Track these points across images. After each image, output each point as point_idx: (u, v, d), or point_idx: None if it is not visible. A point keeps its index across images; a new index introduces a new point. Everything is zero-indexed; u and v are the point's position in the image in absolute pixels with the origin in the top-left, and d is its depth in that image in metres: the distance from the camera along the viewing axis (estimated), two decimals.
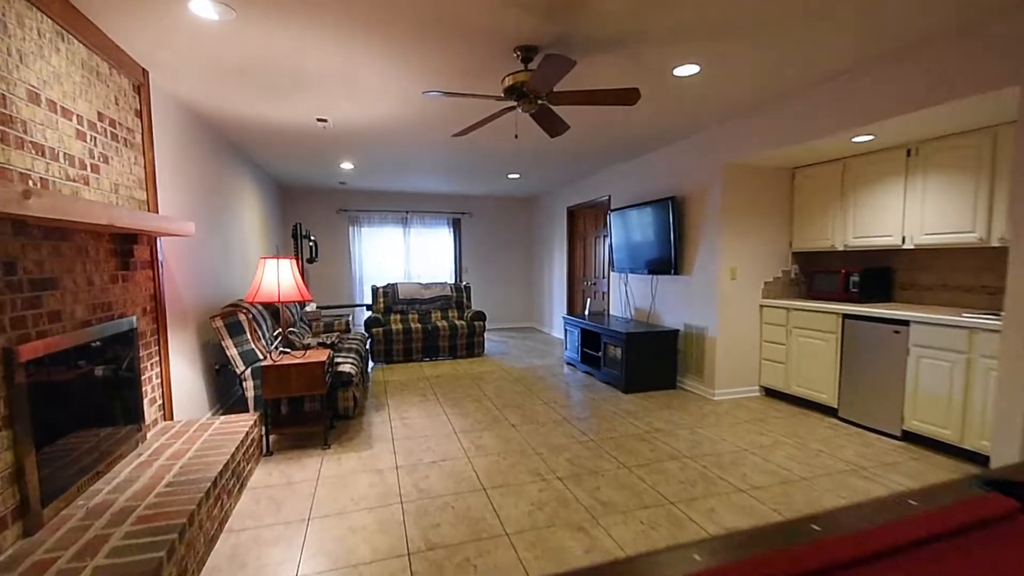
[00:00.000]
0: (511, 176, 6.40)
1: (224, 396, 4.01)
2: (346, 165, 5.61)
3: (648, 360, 4.49)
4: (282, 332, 3.41)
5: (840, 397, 3.62)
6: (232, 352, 3.30)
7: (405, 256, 8.00)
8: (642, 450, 3.13)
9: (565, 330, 5.84)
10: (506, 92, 2.59)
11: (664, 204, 4.62)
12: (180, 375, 3.16)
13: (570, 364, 5.70)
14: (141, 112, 2.74)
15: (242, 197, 4.90)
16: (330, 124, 3.95)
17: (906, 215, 3.41)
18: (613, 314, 5.94)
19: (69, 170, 2.08)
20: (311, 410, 3.55)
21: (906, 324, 3.16)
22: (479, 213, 8.39)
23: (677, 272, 4.63)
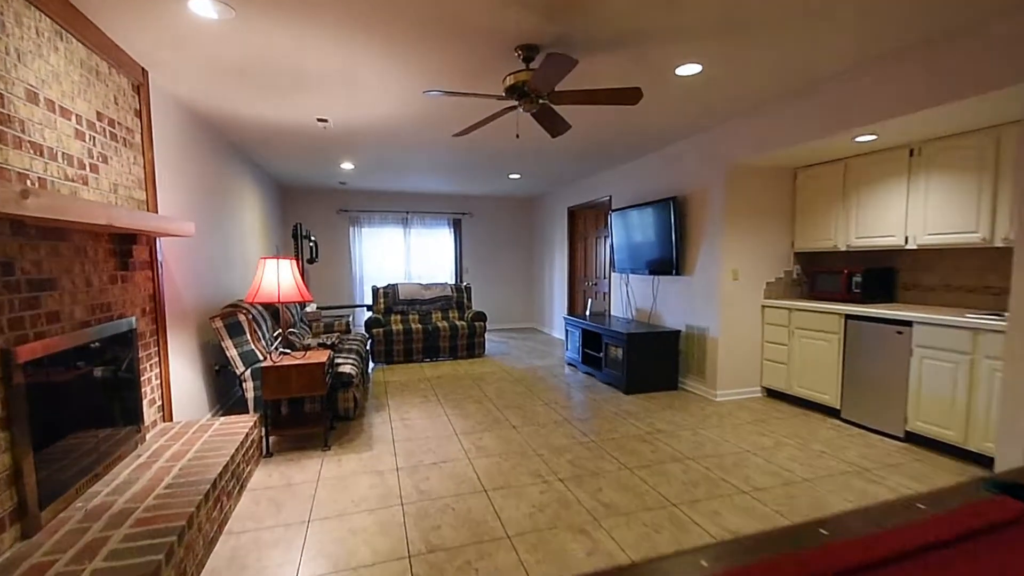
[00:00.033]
0: (512, 176, 6.39)
1: (224, 397, 4.00)
2: (346, 165, 5.60)
3: (649, 361, 4.48)
4: (282, 333, 3.40)
5: (842, 398, 3.61)
6: (232, 353, 3.29)
7: (405, 256, 7.99)
8: (644, 451, 3.11)
9: (566, 331, 5.83)
10: (507, 91, 2.58)
11: (665, 204, 4.61)
12: (180, 376, 3.14)
13: (571, 365, 5.68)
14: (140, 112, 2.73)
15: (242, 197, 4.89)
16: (330, 124, 3.93)
17: (909, 215, 3.40)
18: (614, 314, 5.92)
19: (68, 170, 2.07)
20: (311, 411, 3.53)
21: (909, 325, 3.15)
22: (480, 213, 8.38)
23: (679, 272, 4.62)
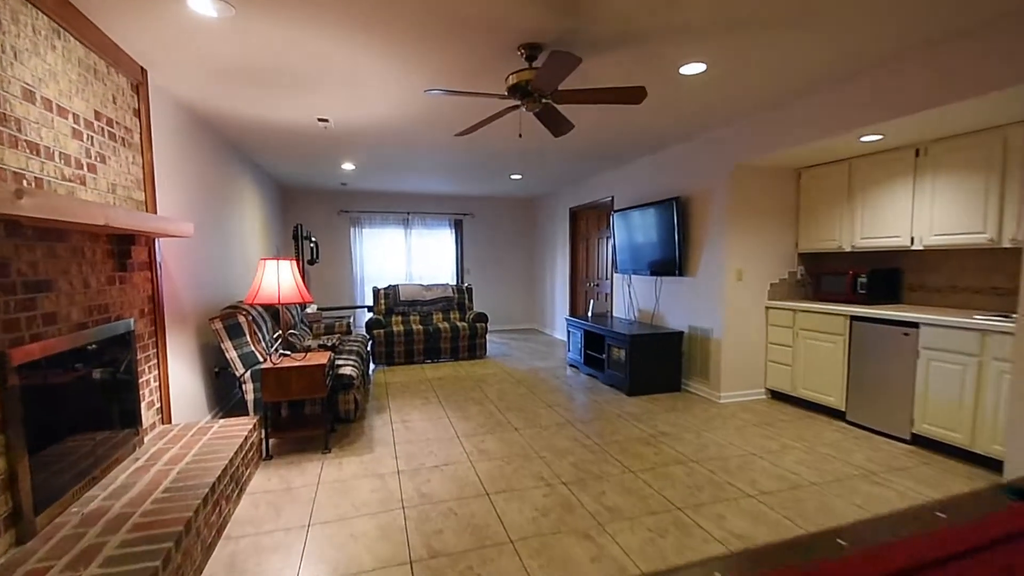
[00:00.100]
0: (513, 177, 6.36)
1: (224, 399, 3.97)
2: (347, 166, 5.57)
3: (652, 362, 4.45)
4: (282, 334, 3.37)
5: (848, 400, 3.57)
6: (231, 354, 3.26)
7: (406, 257, 7.96)
8: (647, 454, 3.08)
9: (568, 332, 5.79)
10: (510, 91, 2.55)
11: (668, 205, 4.58)
12: (179, 378, 3.12)
13: (573, 366, 5.65)
14: (139, 111, 2.71)
15: (242, 198, 4.87)
16: (331, 124, 3.91)
17: (915, 216, 3.36)
18: (616, 316, 5.89)
19: (65, 170, 2.04)
20: (311, 413, 3.50)
21: (916, 326, 3.11)
22: (481, 214, 8.35)
23: (682, 273, 4.58)
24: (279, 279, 3.11)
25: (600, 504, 2.45)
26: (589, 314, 5.89)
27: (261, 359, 3.35)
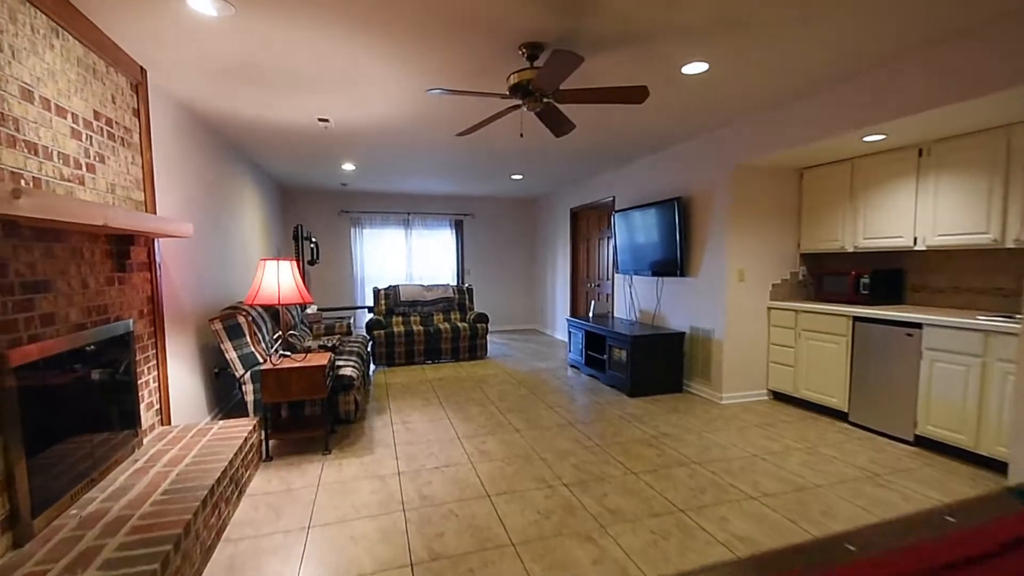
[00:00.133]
0: (514, 177, 6.34)
1: (223, 400, 3.96)
2: (348, 166, 5.56)
3: (654, 363, 4.43)
4: (282, 335, 3.35)
5: (851, 401, 3.55)
6: (231, 355, 3.25)
7: (407, 258, 7.95)
8: (649, 455, 3.06)
9: (569, 332, 5.78)
10: (511, 90, 2.53)
11: (670, 205, 4.56)
12: (178, 379, 3.10)
13: (574, 367, 5.63)
14: (139, 111, 2.69)
15: (242, 198, 4.85)
16: (331, 124, 3.89)
17: (918, 216, 3.35)
18: (617, 316, 5.87)
19: (64, 169, 2.03)
20: (311, 414, 3.49)
21: (919, 327, 3.10)
22: (481, 214, 8.33)
23: (683, 274, 4.57)
24: (279, 280, 3.09)
25: (602, 506, 2.44)
26: (590, 315, 5.88)
27: (261, 360, 3.33)
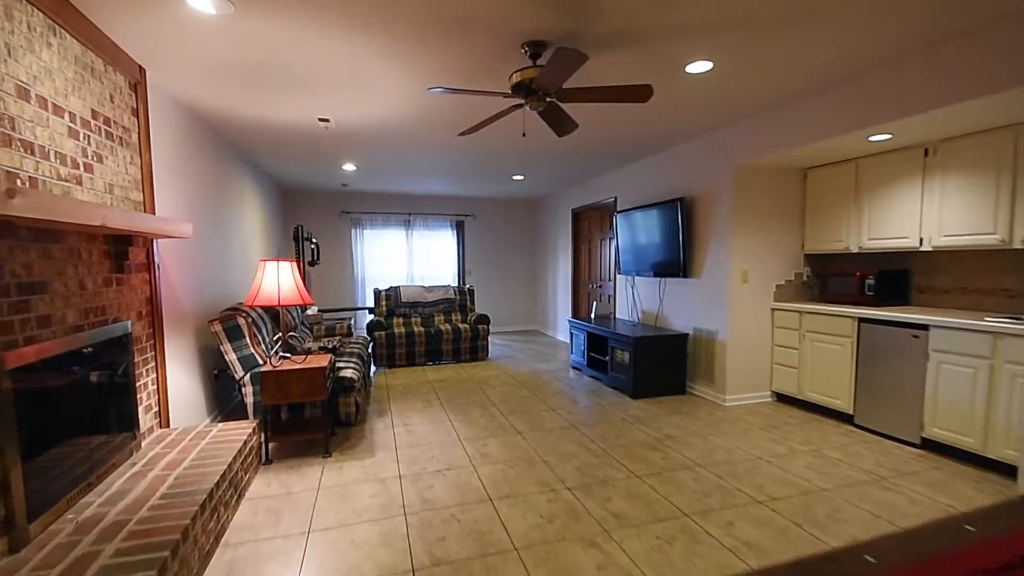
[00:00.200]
0: (515, 177, 6.32)
1: (223, 402, 3.93)
2: (348, 166, 5.53)
3: (657, 365, 4.39)
4: (282, 336, 3.33)
5: (856, 403, 3.52)
6: (231, 357, 3.22)
7: (408, 259, 7.92)
8: (653, 458, 3.03)
9: (571, 333, 5.75)
10: (514, 89, 2.51)
11: (672, 205, 4.53)
12: (177, 381, 3.07)
13: (576, 368, 5.60)
14: (138, 111, 2.67)
15: (242, 198, 4.83)
16: (332, 124, 3.87)
17: (924, 216, 3.31)
18: (620, 317, 5.84)
19: (61, 169, 2.00)
20: (312, 416, 3.46)
21: (925, 328, 3.06)
22: (482, 215, 8.31)
23: (686, 275, 4.54)
24: (279, 280, 3.07)
25: (606, 510, 2.41)
26: (592, 316, 5.85)
27: (261, 362, 3.30)
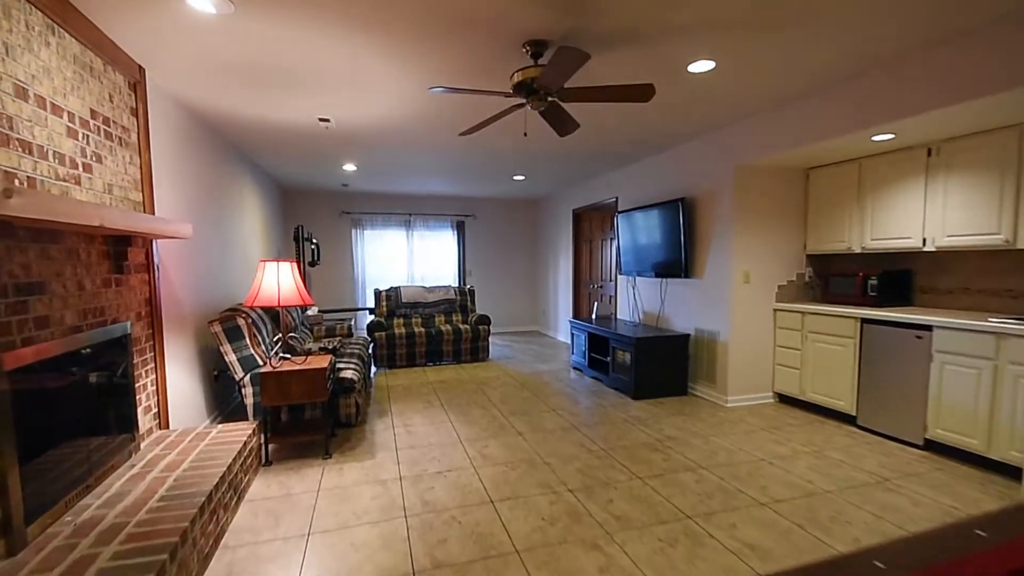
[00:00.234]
0: (516, 178, 6.30)
1: (223, 403, 3.92)
2: (348, 167, 5.52)
3: (658, 365, 4.38)
4: (282, 337, 3.31)
5: (858, 404, 3.50)
6: (231, 358, 3.21)
7: (408, 259, 7.91)
8: (655, 460, 3.01)
9: (571, 334, 5.73)
10: (515, 88, 2.49)
11: (674, 206, 4.51)
12: (177, 382, 3.06)
13: (577, 369, 5.58)
14: (137, 110, 2.66)
15: (242, 199, 4.82)
16: (332, 124, 3.86)
17: (927, 216, 3.30)
18: (621, 318, 5.82)
19: (59, 169, 1.99)
20: (312, 418, 3.44)
21: (929, 329, 3.05)
22: (483, 215, 8.29)
23: (687, 275, 4.52)
24: (279, 281, 3.05)
25: (608, 512, 2.39)
26: (593, 316, 5.84)
27: (261, 362, 3.29)
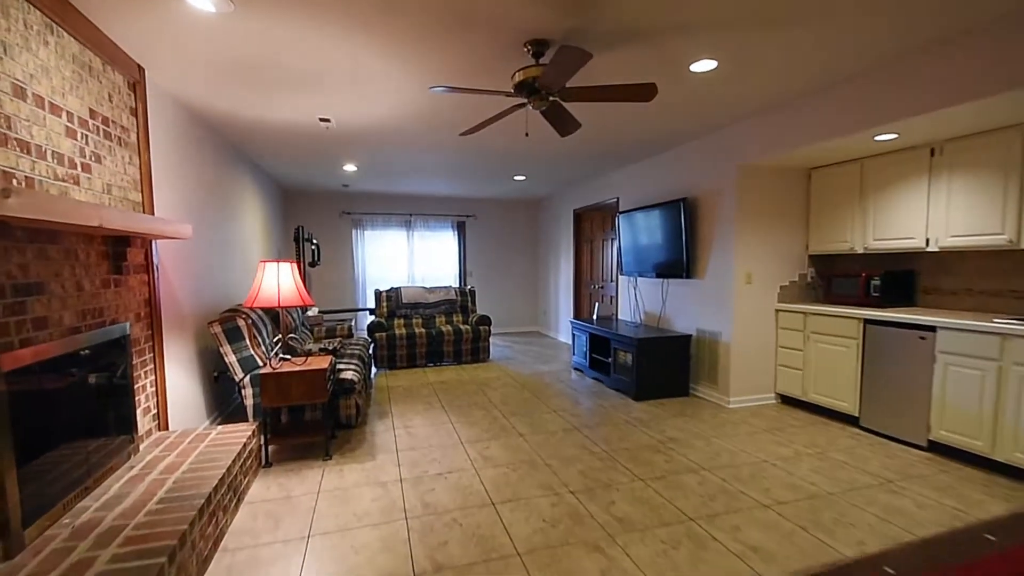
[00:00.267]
0: (517, 178, 6.29)
1: (223, 404, 3.90)
2: (349, 167, 5.51)
3: (660, 366, 4.36)
4: (282, 338, 3.30)
5: (861, 405, 3.48)
6: (231, 359, 3.19)
7: (409, 260, 7.89)
8: (657, 461, 3.00)
9: (573, 335, 5.71)
10: (516, 88, 2.48)
11: (676, 206, 4.50)
12: (176, 383, 3.05)
13: (578, 370, 5.57)
14: (136, 110, 2.65)
15: (242, 199, 4.81)
16: (333, 124, 3.85)
17: (930, 216, 3.28)
18: (622, 318, 5.81)
19: (58, 169, 1.98)
20: (312, 419, 3.43)
21: (932, 330, 3.03)
22: (484, 216, 8.28)
23: (689, 276, 4.50)
24: (279, 282, 3.04)
25: (610, 514, 2.37)
26: (594, 317, 5.82)
27: (261, 363, 3.28)
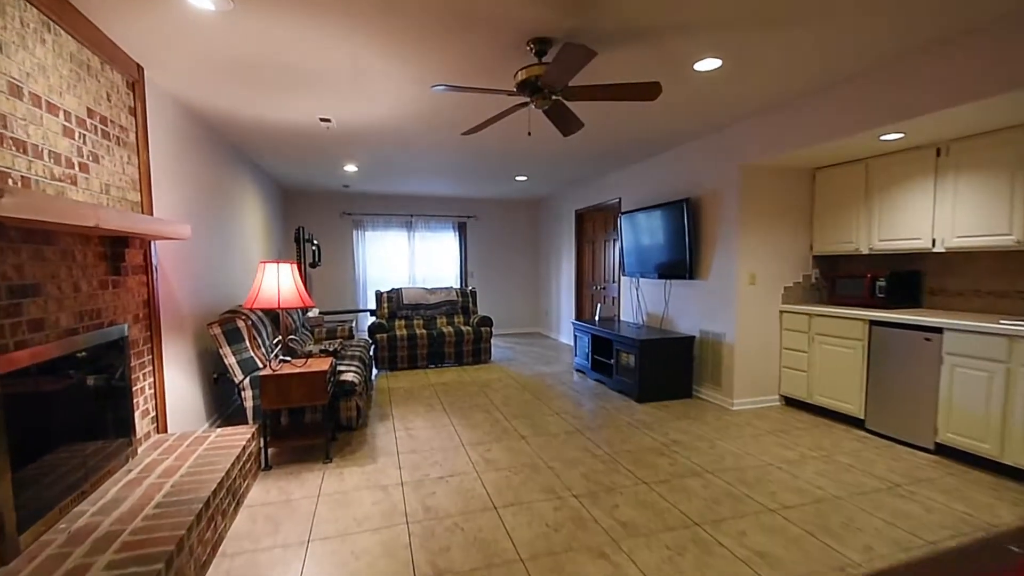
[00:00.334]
0: (518, 178, 6.26)
1: (223, 405, 3.88)
2: (350, 167, 5.49)
3: (663, 368, 4.33)
4: (282, 339, 3.27)
5: (867, 408, 3.44)
6: (230, 360, 3.17)
7: (410, 260, 7.87)
8: (661, 464, 2.96)
9: (574, 336, 5.68)
10: (519, 87, 2.45)
11: (678, 206, 4.47)
12: (175, 385, 3.02)
13: (580, 371, 5.54)
14: (135, 110, 2.62)
15: (243, 200, 4.78)
16: (333, 124, 3.82)
17: (936, 217, 3.25)
18: (624, 319, 5.77)
19: (55, 169, 1.95)
20: (312, 421, 3.40)
21: (939, 331, 2.99)
22: (485, 216, 8.25)
23: (692, 276, 4.47)
24: (279, 283, 3.01)
25: (614, 519, 2.34)
26: (596, 318, 5.79)
27: (260, 365, 3.25)
